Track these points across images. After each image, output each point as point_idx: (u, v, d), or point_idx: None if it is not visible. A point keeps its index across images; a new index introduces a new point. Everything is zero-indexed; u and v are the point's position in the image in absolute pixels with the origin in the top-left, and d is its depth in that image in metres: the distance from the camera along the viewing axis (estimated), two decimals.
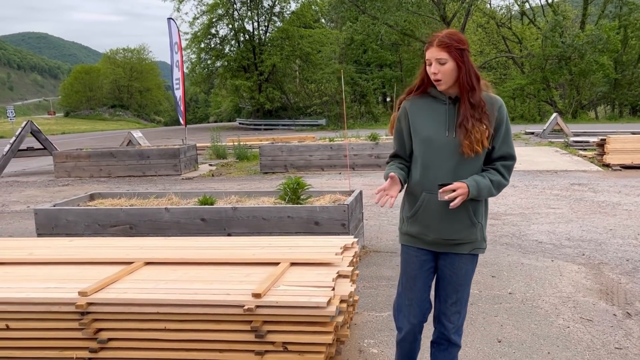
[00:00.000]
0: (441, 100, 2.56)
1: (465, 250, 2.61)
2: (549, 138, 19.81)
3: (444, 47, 2.44)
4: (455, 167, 2.51)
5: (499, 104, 2.54)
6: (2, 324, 3.13)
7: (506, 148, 2.55)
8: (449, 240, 2.59)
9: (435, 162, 2.54)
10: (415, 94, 2.65)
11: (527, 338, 3.81)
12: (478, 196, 2.48)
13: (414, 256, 2.70)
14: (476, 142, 2.44)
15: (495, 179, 2.51)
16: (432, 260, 2.70)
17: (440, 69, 2.45)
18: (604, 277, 5.05)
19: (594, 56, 34.82)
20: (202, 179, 13.00)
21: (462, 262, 2.63)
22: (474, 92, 2.47)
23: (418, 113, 2.61)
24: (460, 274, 2.64)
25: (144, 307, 3.03)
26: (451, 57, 2.44)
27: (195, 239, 4.37)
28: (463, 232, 2.57)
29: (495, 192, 2.52)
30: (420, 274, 2.70)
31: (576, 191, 9.49)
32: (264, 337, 2.94)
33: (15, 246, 4.17)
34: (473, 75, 2.47)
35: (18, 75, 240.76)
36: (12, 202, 10.46)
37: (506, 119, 2.55)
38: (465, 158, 2.49)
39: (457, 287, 2.66)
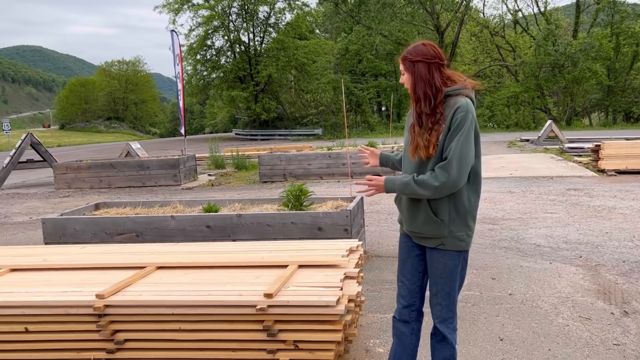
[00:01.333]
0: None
1: (431, 244, 2.71)
2: (544, 145, 20.02)
3: (401, 60, 2.66)
4: (413, 169, 2.69)
5: (454, 108, 2.56)
6: (21, 327, 3.22)
7: (452, 149, 2.53)
8: (414, 233, 2.76)
9: (406, 162, 2.79)
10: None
11: (528, 336, 3.93)
12: (394, 191, 2.69)
13: (403, 242, 2.90)
14: (419, 148, 2.59)
15: (420, 178, 2.59)
16: (419, 248, 2.82)
17: (403, 79, 2.69)
18: (601, 278, 5.18)
19: (587, 64, 35.20)
20: (202, 189, 13.11)
21: (436, 255, 2.71)
22: (419, 102, 2.61)
23: (408, 120, 2.84)
24: (437, 266, 2.72)
25: (159, 309, 3.14)
26: (405, 68, 2.65)
27: (204, 244, 4.48)
28: (425, 227, 2.69)
29: (422, 190, 2.58)
30: (409, 259, 2.86)
31: (572, 196, 9.64)
32: (275, 335, 3.04)
33: (30, 253, 4.28)
34: (422, 86, 2.59)
35: (12, 89, 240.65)
36: (15, 213, 10.55)
37: (459, 122, 2.54)
38: (420, 163, 2.64)
39: (435, 279, 2.75)
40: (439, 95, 2.58)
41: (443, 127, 2.55)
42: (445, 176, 2.54)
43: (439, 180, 2.55)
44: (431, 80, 2.59)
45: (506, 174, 13.01)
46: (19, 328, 3.23)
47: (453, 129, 2.54)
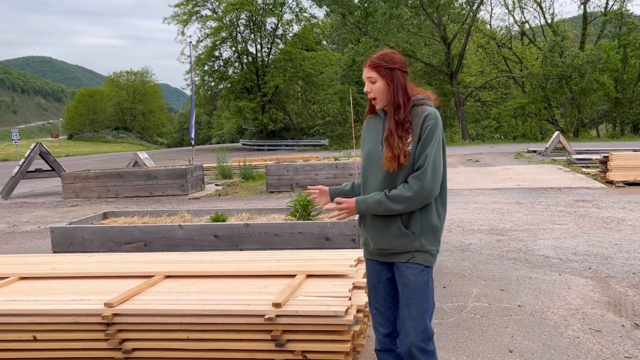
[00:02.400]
0: (379, 117, 2.68)
1: (401, 259, 2.60)
2: (552, 156, 19.94)
3: (373, 67, 2.58)
4: (382, 181, 2.57)
5: (424, 116, 2.53)
6: (30, 335, 3.23)
7: (422, 156, 2.50)
8: (383, 250, 2.63)
9: (371, 174, 2.64)
10: (368, 112, 2.79)
11: (537, 348, 3.89)
12: (367, 211, 2.56)
13: (370, 267, 2.76)
14: (394, 158, 2.49)
15: (392, 193, 2.50)
16: (389, 271, 2.69)
17: (372, 87, 2.59)
18: (611, 290, 5.14)
19: (594, 75, 35.11)
20: (209, 198, 13.13)
21: (408, 272, 2.58)
22: (399, 110, 2.54)
23: (366, 130, 2.77)
24: (408, 285, 2.58)
25: (167, 318, 3.14)
26: (380, 76, 2.57)
27: (211, 254, 4.48)
28: (395, 242, 2.57)
29: (395, 205, 2.50)
30: (380, 285, 2.72)
31: (581, 207, 9.59)
32: (284, 345, 3.03)
33: (38, 262, 4.29)
34: (401, 94, 2.54)
35: (22, 99, 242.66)
36: (23, 222, 10.59)
37: (429, 129, 2.51)
38: (390, 173, 2.54)
39: (408, 301, 2.58)
40: (409, 103, 2.57)
41: (411, 137, 2.52)
42: (419, 185, 2.48)
43: (412, 189, 2.48)
44: (406, 88, 2.58)
45: (514, 185, 12.96)
46: (27, 336, 3.23)
47: (424, 138, 2.50)
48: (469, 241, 7.27)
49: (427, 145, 2.49)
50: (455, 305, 4.75)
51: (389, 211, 2.51)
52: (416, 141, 2.51)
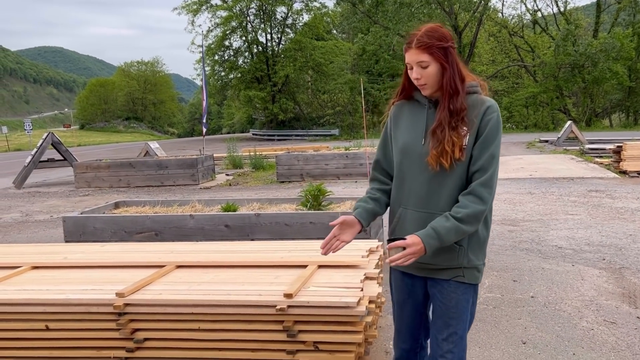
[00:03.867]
0: (422, 104, 2.27)
1: (445, 276, 2.26)
2: (564, 146, 19.77)
3: (424, 48, 2.12)
4: (429, 181, 2.20)
5: (485, 107, 2.16)
6: (42, 324, 3.24)
7: (486, 156, 2.14)
8: (424, 265, 2.25)
9: (410, 173, 2.25)
10: (399, 98, 2.38)
11: (551, 340, 3.86)
12: (442, 245, 2.10)
13: (399, 280, 2.43)
14: (444, 154, 2.12)
15: (463, 214, 2.09)
16: (422, 286, 2.37)
17: (423, 73, 2.15)
18: (625, 281, 5.08)
19: (608, 64, 34.70)
20: (220, 188, 13.14)
21: (450, 290, 2.26)
22: (455, 97, 2.14)
23: (400, 119, 2.34)
24: (450, 304, 2.26)
25: (179, 308, 3.13)
26: (434, 58, 2.13)
27: (222, 244, 4.48)
28: (440, 257, 2.21)
29: (469, 227, 2.11)
30: (409, 301, 2.41)
31: (594, 197, 9.49)
32: (295, 336, 3.02)
33: (50, 251, 4.30)
34: (458, 77, 2.15)
35: (34, 89, 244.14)
36: (36, 212, 10.66)
37: (493, 124, 2.14)
38: (439, 173, 2.17)
39: (447, 321, 2.28)
40: (465, 88, 2.18)
41: (467, 128, 2.14)
42: (489, 193, 2.12)
43: (485, 200, 2.11)
44: (460, 70, 2.18)
45: (526, 175, 12.86)
46: (39, 326, 3.24)
47: (487, 133, 2.13)
48: None
49: (490, 143, 2.13)
50: None
51: (463, 235, 2.13)
52: (474, 135, 2.14)
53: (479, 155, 2.14)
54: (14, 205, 11.70)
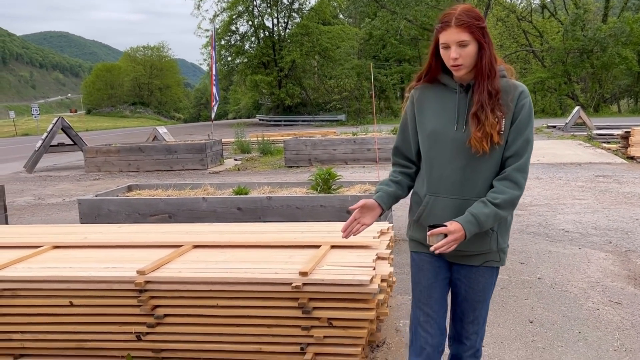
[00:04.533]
0: (451, 89, 2.22)
1: (476, 262, 2.27)
2: (572, 131, 19.75)
3: (465, 26, 2.06)
4: (464, 167, 2.16)
5: (518, 91, 2.16)
6: (66, 300, 3.36)
7: (522, 142, 2.14)
8: (455, 251, 2.19)
9: (441, 160, 2.20)
10: (423, 81, 2.31)
11: (557, 319, 3.96)
12: (481, 230, 2.10)
13: (427, 262, 2.35)
14: (486, 136, 2.09)
15: (501, 199, 2.09)
16: (447, 270, 2.36)
17: (462, 52, 2.09)
18: (631, 264, 5.17)
19: (617, 49, 34.46)
20: (228, 173, 13.26)
21: (478, 274, 2.29)
22: (494, 77, 2.12)
23: (425, 103, 2.28)
24: (477, 288, 2.31)
25: (197, 285, 3.24)
26: (474, 37, 2.08)
27: (236, 225, 4.58)
28: (472, 243, 2.19)
29: (505, 213, 2.12)
30: (437, 283, 2.35)
31: (601, 183, 9.55)
32: (310, 313, 3.12)
33: (70, 231, 4.43)
34: (493, 58, 2.13)
35: (40, 74, 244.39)
36: (48, 195, 10.81)
37: (527, 109, 2.15)
38: (476, 156, 2.13)
39: (474, 305, 2.33)
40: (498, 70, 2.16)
41: (502, 112, 2.12)
42: (524, 178, 2.12)
43: (521, 185, 2.12)
44: (494, 51, 2.15)
45: (533, 160, 12.76)
46: (64, 302, 3.36)
47: (522, 118, 2.13)
48: None
49: (525, 128, 2.13)
50: None
51: (500, 220, 2.14)
52: (510, 119, 2.13)
53: (513, 141, 2.13)
54: (26, 188, 11.86)
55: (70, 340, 3.40)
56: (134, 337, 3.33)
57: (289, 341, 3.19)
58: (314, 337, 3.13)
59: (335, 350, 3.15)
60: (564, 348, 3.51)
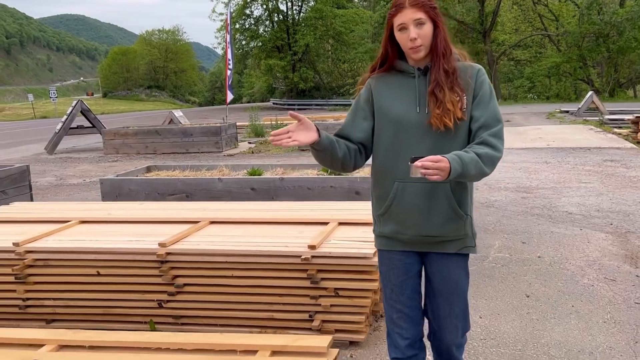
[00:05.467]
0: (409, 74, 2.21)
1: (452, 249, 2.22)
2: (584, 116, 19.74)
3: (419, 6, 2.07)
4: (431, 149, 2.10)
5: (476, 69, 2.18)
6: (94, 270, 3.65)
7: (489, 113, 2.13)
8: (430, 237, 2.20)
9: (407, 144, 2.16)
10: (379, 71, 2.28)
11: (553, 294, 4.19)
12: (463, 174, 1.96)
13: (397, 260, 2.29)
14: (447, 113, 2.08)
15: (482, 151, 2.03)
16: (419, 263, 2.31)
17: (420, 32, 2.08)
18: (630, 244, 5.36)
19: (634, 33, 34.05)
20: (242, 155, 13.54)
21: (451, 264, 2.25)
22: (449, 56, 2.13)
23: (385, 91, 2.24)
24: (450, 279, 2.26)
25: (215, 257, 3.51)
26: (429, 16, 2.09)
27: (250, 203, 4.85)
28: (447, 227, 2.18)
29: (487, 168, 2.04)
30: (408, 280, 2.30)
31: (608, 167, 9.68)
32: (318, 283, 3.38)
33: (94, 208, 4.72)
34: (447, 37, 2.15)
35: (57, 57, 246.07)
36: (69, 176, 11.18)
37: (487, 85, 2.17)
38: (442, 136, 2.12)
39: (448, 297, 2.27)
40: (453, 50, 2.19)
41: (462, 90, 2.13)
42: (502, 144, 2.10)
43: (499, 149, 2.08)
44: (447, 32, 2.17)
45: (543, 144, 13.02)
46: (91, 272, 3.65)
47: (483, 93, 2.14)
48: (494, 198, 7.51)
49: (489, 102, 2.14)
50: (478, 256, 5.05)
51: (479, 175, 2.04)
52: (471, 95, 2.14)
53: (481, 115, 2.12)
54: (47, 169, 12.24)
55: (98, 307, 3.70)
56: (155, 304, 3.62)
57: (298, 309, 3.46)
58: (322, 306, 3.40)
59: (341, 318, 3.41)
60: (556, 320, 3.75)
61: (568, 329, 3.60)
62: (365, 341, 3.45)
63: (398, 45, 2.18)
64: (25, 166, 7.02)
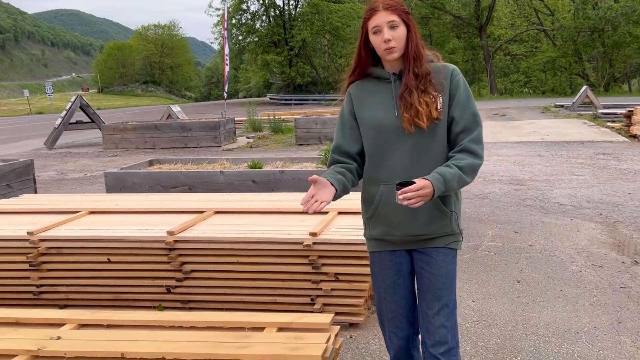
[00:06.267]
0: (385, 80, 2.25)
1: (438, 244, 2.26)
2: (579, 110, 19.94)
3: (393, 9, 2.14)
4: (411, 150, 2.17)
5: (449, 69, 2.21)
6: (104, 257, 3.83)
7: (468, 116, 2.17)
8: (417, 236, 2.24)
9: (388, 147, 2.20)
10: (354, 77, 2.34)
11: (542, 279, 4.39)
12: (447, 191, 2.06)
13: (388, 261, 2.32)
14: (419, 115, 2.11)
15: (464, 163, 2.10)
16: (409, 262, 2.33)
17: (394, 34, 2.13)
18: (617, 233, 5.57)
19: (628, 28, 34.29)
20: (241, 150, 13.71)
21: (439, 258, 2.26)
22: (421, 60, 2.17)
23: (363, 98, 2.28)
24: (439, 274, 2.25)
25: (221, 244, 3.69)
26: (402, 20, 2.15)
27: (252, 195, 5.03)
28: (433, 225, 2.22)
29: (469, 178, 2.11)
30: (400, 280, 2.33)
31: (600, 160, 9.89)
32: (319, 268, 3.57)
33: (102, 199, 4.90)
34: (420, 41, 2.18)
35: (52, 52, 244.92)
36: (70, 170, 11.34)
37: (462, 85, 2.20)
38: (421, 137, 2.15)
39: (438, 293, 2.25)
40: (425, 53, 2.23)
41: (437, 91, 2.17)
42: (481, 149, 2.16)
43: (480, 156, 2.15)
44: (419, 36, 2.22)
45: (537, 138, 13.22)
46: (102, 259, 3.83)
47: (461, 93, 2.19)
48: (488, 190, 7.71)
49: (468, 102, 2.19)
50: (472, 245, 5.24)
51: (461, 186, 2.13)
52: (447, 96, 2.18)
53: (460, 117, 2.17)
54: (48, 164, 12.39)
55: (109, 292, 3.88)
56: (164, 289, 3.80)
57: (300, 293, 3.65)
58: (323, 290, 3.59)
59: (341, 301, 3.60)
60: (545, 303, 3.95)
61: (556, 311, 3.79)
62: (364, 323, 3.64)
63: (372, 51, 2.24)
64: (30, 160, 7.19)
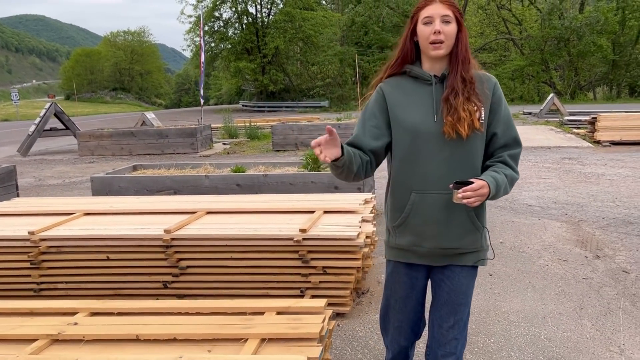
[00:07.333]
0: (425, 81, 2.13)
1: (468, 261, 2.19)
2: (546, 117, 20.64)
3: (449, 4, 2.05)
4: (449, 159, 2.08)
5: (493, 82, 2.13)
6: (103, 255, 4.02)
7: (510, 133, 2.13)
8: (448, 250, 2.16)
9: (425, 154, 2.09)
10: (394, 68, 2.21)
11: (512, 273, 4.73)
12: (496, 196, 2.02)
13: (404, 274, 2.29)
14: (460, 121, 2.02)
15: (508, 172, 2.08)
16: (425, 278, 2.31)
17: (445, 28, 2.03)
18: (581, 231, 5.96)
19: (592, 37, 35.49)
20: (218, 156, 13.88)
21: (462, 276, 2.20)
22: (469, 64, 2.08)
23: (399, 98, 2.16)
24: (459, 290, 2.20)
25: (215, 241, 3.93)
26: (455, 17, 2.06)
27: (241, 196, 5.27)
28: (465, 239, 2.15)
29: (510, 189, 2.10)
30: (412, 295, 2.32)
31: (566, 164, 10.38)
32: (308, 263, 3.84)
33: (96, 201, 5.07)
34: (468, 45, 2.11)
35: (16, 58, 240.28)
36: (48, 177, 11.36)
37: (504, 101, 2.15)
38: (459, 146, 2.07)
39: (455, 308, 2.22)
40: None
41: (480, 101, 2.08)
42: (518, 165, 2.16)
43: (518, 172, 2.13)
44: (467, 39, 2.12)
45: None
46: (101, 257, 4.03)
47: (503, 109, 2.13)
48: None
49: (510, 121, 2.13)
50: None
51: (503, 194, 2.09)
52: (488, 109, 2.11)
53: (503, 135, 2.13)
54: (24, 171, 12.37)
55: (108, 288, 4.08)
56: (161, 285, 4.02)
57: (291, 286, 3.90)
58: (311, 283, 3.86)
59: (328, 293, 3.87)
60: (515, 293, 4.28)
61: (525, 300, 4.13)
62: (350, 312, 3.92)
63: (416, 47, 2.15)
64: (13, 166, 7.29)
